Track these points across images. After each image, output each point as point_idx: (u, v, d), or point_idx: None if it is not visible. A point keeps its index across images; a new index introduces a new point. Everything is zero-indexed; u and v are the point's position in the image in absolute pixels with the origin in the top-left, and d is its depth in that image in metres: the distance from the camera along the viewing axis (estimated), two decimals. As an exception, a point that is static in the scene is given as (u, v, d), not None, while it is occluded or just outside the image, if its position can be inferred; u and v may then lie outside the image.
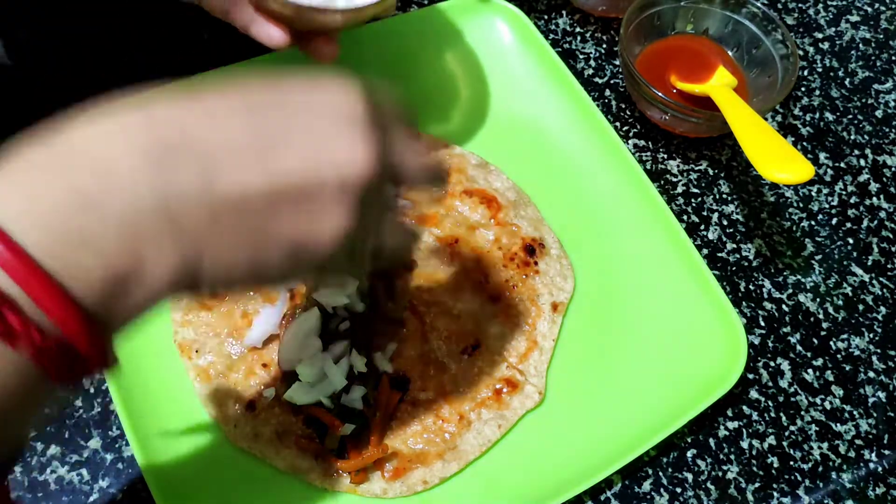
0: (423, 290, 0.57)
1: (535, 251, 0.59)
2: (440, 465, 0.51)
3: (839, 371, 0.57)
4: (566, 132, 0.64)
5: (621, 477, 0.52)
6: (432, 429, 0.52)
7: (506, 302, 0.57)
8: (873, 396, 0.57)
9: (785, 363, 0.58)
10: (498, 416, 0.52)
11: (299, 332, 0.52)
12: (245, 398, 0.52)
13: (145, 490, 0.47)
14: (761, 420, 0.55)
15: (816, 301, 0.60)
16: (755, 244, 0.63)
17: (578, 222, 0.61)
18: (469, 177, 0.62)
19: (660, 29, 0.69)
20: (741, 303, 0.60)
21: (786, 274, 0.61)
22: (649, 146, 0.67)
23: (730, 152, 0.67)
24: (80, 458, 0.51)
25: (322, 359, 0.51)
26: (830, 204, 0.65)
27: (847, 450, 0.54)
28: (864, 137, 0.69)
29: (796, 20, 0.76)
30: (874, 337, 0.59)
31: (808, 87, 0.71)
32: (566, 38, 0.73)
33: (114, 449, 0.51)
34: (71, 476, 0.50)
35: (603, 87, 0.70)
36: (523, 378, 0.54)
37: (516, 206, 0.61)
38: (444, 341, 0.55)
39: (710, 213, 0.64)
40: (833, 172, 0.67)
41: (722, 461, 0.53)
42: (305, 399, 0.51)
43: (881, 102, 0.71)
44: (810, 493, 0.53)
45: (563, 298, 0.57)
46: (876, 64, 0.73)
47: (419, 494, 0.50)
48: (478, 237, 0.59)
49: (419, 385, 0.53)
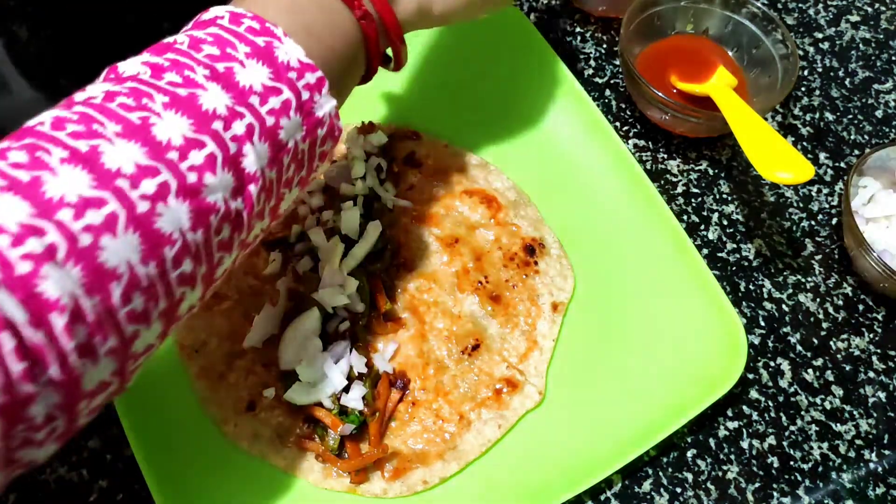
0: (423, 290, 0.57)
1: (535, 251, 0.59)
2: (440, 465, 0.51)
3: (839, 371, 0.57)
4: (566, 132, 0.64)
5: (621, 477, 0.52)
6: (432, 429, 0.52)
7: (506, 302, 0.57)
8: (873, 396, 0.57)
9: (785, 363, 0.58)
10: (498, 416, 0.52)
11: (299, 332, 0.52)
12: (245, 398, 0.52)
13: (145, 490, 0.47)
14: (761, 420, 0.55)
15: (816, 301, 0.60)
16: (755, 244, 0.63)
17: (578, 222, 0.61)
18: (469, 177, 0.62)
19: (660, 29, 0.69)
20: (741, 303, 0.60)
21: (786, 274, 0.61)
22: (649, 146, 0.67)
23: (730, 152, 0.67)
24: (80, 458, 0.51)
25: (322, 359, 0.51)
26: (830, 204, 0.65)
27: (847, 450, 0.54)
28: (864, 137, 0.69)
29: (796, 20, 0.76)
30: (874, 337, 0.59)
31: (808, 87, 0.71)
32: (566, 38, 0.73)
33: (114, 449, 0.51)
34: (71, 476, 0.50)
35: (603, 87, 0.70)
36: (523, 378, 0.54)
37: (516, 206, 0.61)
38: (444, 341, 0.55)
39: (710, 213, 0.64)
40: (833, 172, 0.67)
41: (722, 461, 0.53)
42: (305, 399, 0.51)
43: (881, 102, 0.71)
44: (810, 493, 0.53)
45: (563, 298, 0.57)
46: (876, 64, 0.73)
47: (419, 494, 0.50)
48: (478, 237, 0.59)
49: (419, 385, 0.53)
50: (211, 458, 0.50)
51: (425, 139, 0.64)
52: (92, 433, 0.52)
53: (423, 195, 0.61)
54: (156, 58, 0.36)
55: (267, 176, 0.37)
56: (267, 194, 0.38)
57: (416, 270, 0.57)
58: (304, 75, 0.38)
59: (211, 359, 0.53)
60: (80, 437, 0.51)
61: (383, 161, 0.60)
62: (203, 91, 0.35)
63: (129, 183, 0.32)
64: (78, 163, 0.31)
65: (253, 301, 0.55)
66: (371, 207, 0.58)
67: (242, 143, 0.36)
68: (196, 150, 0.34)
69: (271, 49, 0.37)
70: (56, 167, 0.31)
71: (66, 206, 0.30)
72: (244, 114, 0.36)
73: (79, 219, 0.30)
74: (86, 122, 0.33)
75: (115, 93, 0.34)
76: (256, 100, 0.36)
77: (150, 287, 0.33)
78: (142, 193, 0.32)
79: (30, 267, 0.29)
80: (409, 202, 0.60)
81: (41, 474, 0.50)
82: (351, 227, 0.56)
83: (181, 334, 0.54)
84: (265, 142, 0.37)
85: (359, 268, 0.55)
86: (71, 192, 0.31)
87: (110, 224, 0.31)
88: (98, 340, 0.31)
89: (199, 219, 0.34)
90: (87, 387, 0.32)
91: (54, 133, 0.32)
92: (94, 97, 0.34)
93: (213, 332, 0.54)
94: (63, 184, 0.31)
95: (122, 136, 0.33)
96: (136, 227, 0.32)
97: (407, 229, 0.59)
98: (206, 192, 0.34)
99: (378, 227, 0.56)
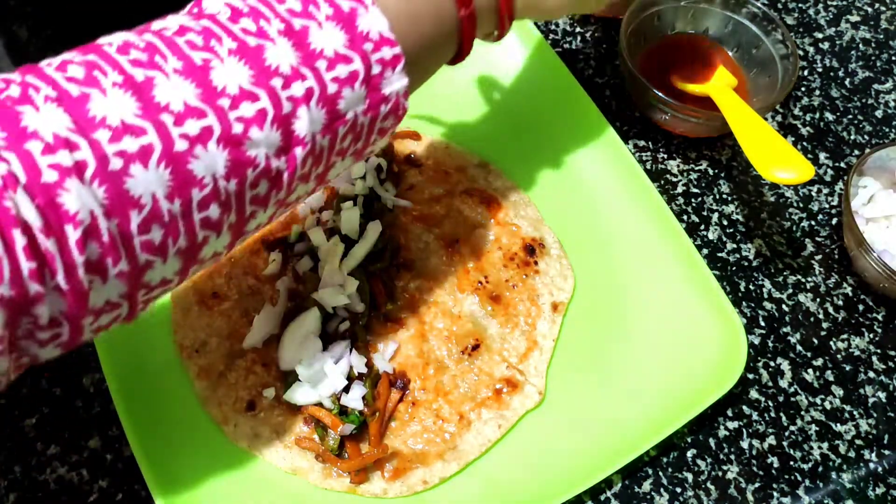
0: (423, 290, 0.57)
1: (535, 251, 0.59)
2: (440, 465, 0.51)
3: (839, 371, 0.57)
4: (566, 132, 0.64)
5: (621, 477, 0.52)
6: (432, 429, 0.52)
7: (506, 302, 0.57)
8: (873, 396, 0.57)
9: (785, 363, 0.58)
10: (498, 416, 0.52)
11: (299, 332, 0.52)
12: (245, 398, 0.52)
13: (145, 490, 0.47)
14: (761, 420, 0.55)
15: (816, 301, 0.60)
16: (755, 244, 0.63)
17: (578, 222, 0.61)
18: (469, 177, 0.62)
19: (660, 29, 0.69)
20: (741, 303, 0.60)
21: (786, 274, 0.61)
22: (649, 146, 0.67)
23: (730, 152, 0.67)
24: (80, 457, 0.51)
25: (322, 359, 0.51)
26: (830, 204, 0.65)
27: (847, 450, 0.54)
28: (864, 137, 0.69)
29: (796, 20, 0.76)
30: (874, 337, 0.59)
31: (808, 87, 0.71)
32: (566, 38, 0.73)
33: (114, 449, 0.51)
34: (71, 476, 0.50)
35: (603, 87, 0.70)
36: (523, 378, 0.54)
37: (516, 206, 0.61)
38: (444, 341, 0.55)
39: (710, 213, 0.64)
40: (833, 172, 0.67)
41: (722, 461, 0.53)
42: (305, 399, 0.51)
43: (881, 102, 0.71)
44: (810, 493, 0.53)
45: (563, 298, 0.57)
46: (876, 64, 0.73)
47: (419, 494, 0.50)
48: (478, 237, 0.59)
49: (419, 385, 0.53)
50: (211, 458, 0.50)
51: (425, 139, 0.64)
52: (92, 433, 0.52)
53: (423, 195, 0.61)
54: (239, 1, 0.37)
55: (318, 142, 0.37)
56: (315, 160, 0.38)
57: (416, 270, 0.57)
58: (380, 48, 0.38)
59: (211, 359, 0.53)
60: (80, 437, 0.52)
61: (383, 161, 0.60)
62: (272, 45, 0.35)
63: (174, 119, 0.32)
64: (129, 89, 0.32)
65: (253, 301, 0.55)
66: (371, 207, 0.58)
67: (298, 105, 0.35)
68: (248, 102, 0.34)
69: (354, 16, 0.37)
70: (107, 88, 0.32)
71: (105, 127, 0.31)
72: (307, 76, 0.36)
73: (114, 142, 0.31)
74: (150, 51, 0.34)
75: (188, 28, 0.35)
76: (324, 64, 0.36)
77: (172, 223, 0.33)
78: (183, 132, 0.33)
79: (55, 177, 0.29)
80: (409, 202, 0.60)
81: (41, 474, 0.50)
82: (351, 227, 0.56)
83: (181, 334, 0.54)
84: (322, 108, 0.36)
85: (359, 268, 0.55)
86: (114, 116, 0.31)
87: (144, 155, 0.32)
88: (110, 261, 0.31)
89: (236, 169, 0.34)
90: (95, 304, 0.32)
91: (117, 56, 0.33)
92: (167, 28, 0.35)
93: (213, 332, 0.54)
94: (109, 106, 0.31)
95: (180, 73, 0.33)
96: (168, 163, 0.32)
97: (407, 229, 0.59)
98: (249, 146, 0.34)
99: (378, 227, 0.56)
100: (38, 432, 0.51)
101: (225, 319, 0.55)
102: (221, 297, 0.55)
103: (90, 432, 0.52)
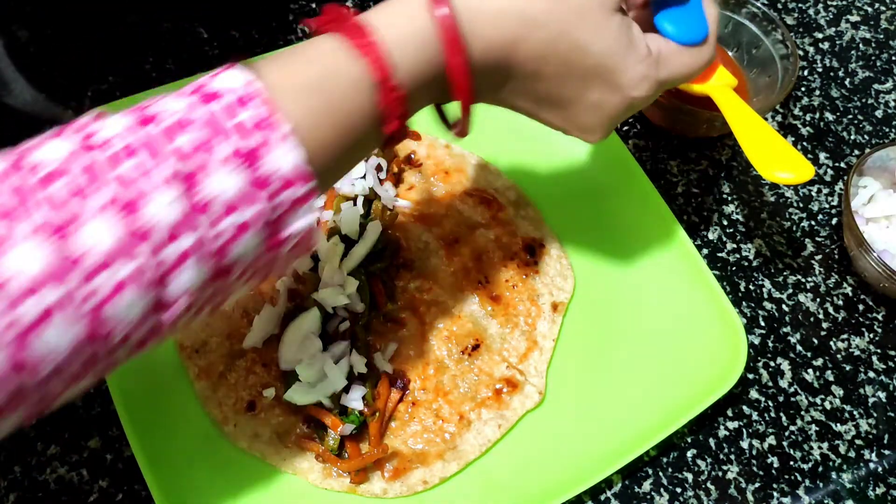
0: (423, 290, 0.57)
1: (535, 251, 0.59)
2: (440, 465, 0.51)
3: (839, 371, 0.57)
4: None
5: (621, 477, 0.52)
6: (432, 429, 0.52)
7: (506, 302, 0.57)
8: (873, 396, 0.57)
9: (785, 363, 0.58)
10: (498, 416, 0.52)
11: (299, 332, 0.52)
12: (245, 398, 0.52)
13: (145, 490, 0.47)
14: (761, 420, 0.55)
15: (816, 301, 0.60)
16: (755, 244, 0.63)
17: (578, 222, 0.61)
18: (469, 177, 0.62)
19: (660, 29, 0.69)
20: (741, 303, 0.60)
21: (786, 274, 0.61)
22: (649, 146, 0.67)
23: (730, 152, 0.67)
24: (80, 457, 0.51)
25: (322, 359, 0.51)
26: (830, 204, 0.65)
27: (847, 450, 0.54)
28: (864, 137, 0.69)
29: (796, 20, 0.76)
30: (874, 337, 0.59)
31: (808, 87, 0.71)
32: (566, 38, 0.73)
33: (114, 449, 0.51)
34: (71, 476, 0.50)
35: (603, 87, 0.70)
36: (523, 378, 0.54)
37: (516, 206, 0.61)
38: (444, 341, 0.55)
39: (710, 213, 0.64)
40: (833, 172, 0.67)
41: (722, 461, 0.53)
42: (305, 399, 0.51)
43: (881, 102, 0.71)
44: (810, 493, 0.53)
45: (563, 298, 0.57)
46: (876, 64, 0.73)
47: (419, 494, 0.50)
48: (478, 237, 0.59)
49: (419, 385, 0.53)
50: (211, 458, 0.50)
51: (425, 139, 0.64)
52: (92, 433, 0.52)
53: (423, 195, 0.61)
54: (131, 133, 0.32)
55: (203, 293, 0.34)
56: (202, 303, 0.35)
57: (416, 270, 0.57)
58: (290, 186, 0.34)
59: (211, 359, 0.53)
60: (80, 437, 0.52)
61: (383, 161, 0.60)
62: (157, 194, 0.31)
63: (23, 292, 0.28)
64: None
65: (253, 301, 0.55)
66: (371, 207, 0.58)
67: (176, 266, 0.32)
68: (113, 269, 0.30)
69: (257, 155, 0.33)
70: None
71: None
72: (189, 232, 0.32)
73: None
74: (16, 198, 0.29)
75: (61, 171, 0.30)
76: (212, 217, 0.32)
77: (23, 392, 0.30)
78: (35, 304, 0.29)
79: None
80: (409, 202, 0.60)
81: (41, 474, 0.50)
82: (351, 227, 0.56)
83: (181, 334, 0.54)
84: (206, 263, 0.33)
85: (359, 268, 0.55)
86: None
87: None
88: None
89: (94, 341, 0.31)
90: None
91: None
92: (42, 165, 0.30)
93: (213, 332, 0.54)
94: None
95: (39, 232, 0.29)
96: (17, 338, 0.28)
97: (407, 229, 0.59)
98: (111, 314, 0.31)
99: (378, 227, 0.56)
100: (38, 432, 0.51)
101: (225, 319, 0.55)
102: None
103: (90, 432, 0.52)
